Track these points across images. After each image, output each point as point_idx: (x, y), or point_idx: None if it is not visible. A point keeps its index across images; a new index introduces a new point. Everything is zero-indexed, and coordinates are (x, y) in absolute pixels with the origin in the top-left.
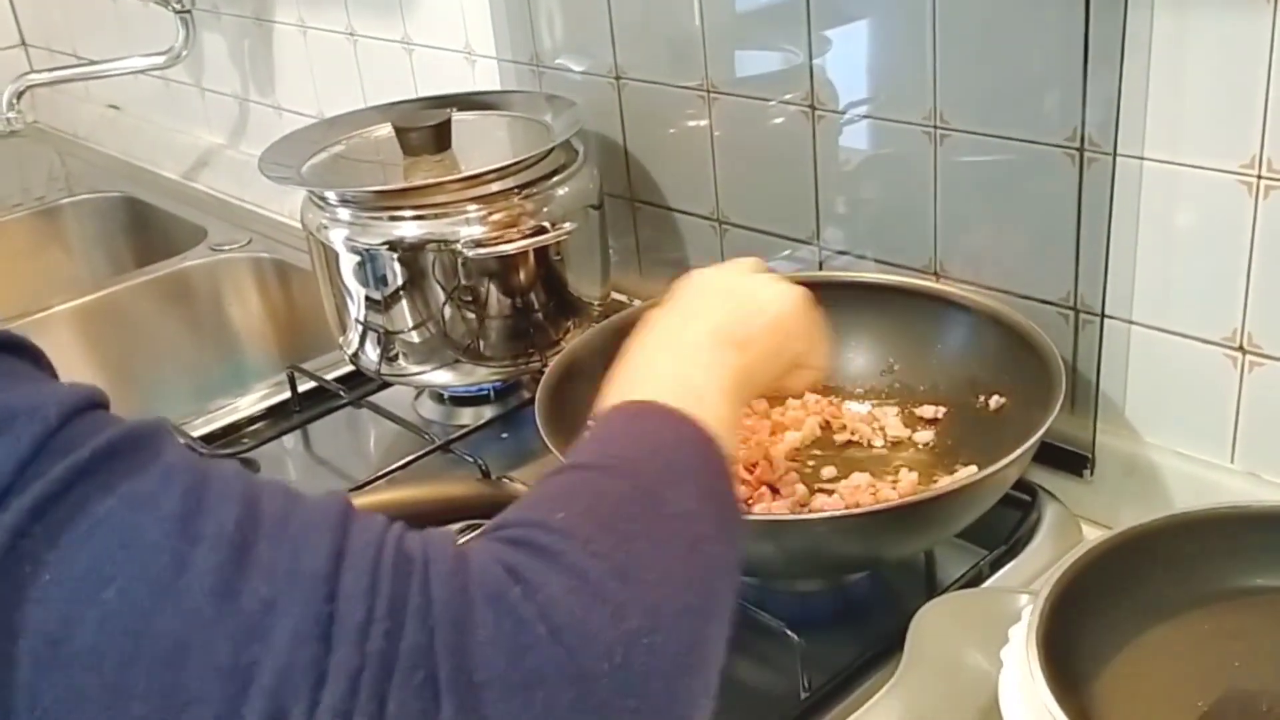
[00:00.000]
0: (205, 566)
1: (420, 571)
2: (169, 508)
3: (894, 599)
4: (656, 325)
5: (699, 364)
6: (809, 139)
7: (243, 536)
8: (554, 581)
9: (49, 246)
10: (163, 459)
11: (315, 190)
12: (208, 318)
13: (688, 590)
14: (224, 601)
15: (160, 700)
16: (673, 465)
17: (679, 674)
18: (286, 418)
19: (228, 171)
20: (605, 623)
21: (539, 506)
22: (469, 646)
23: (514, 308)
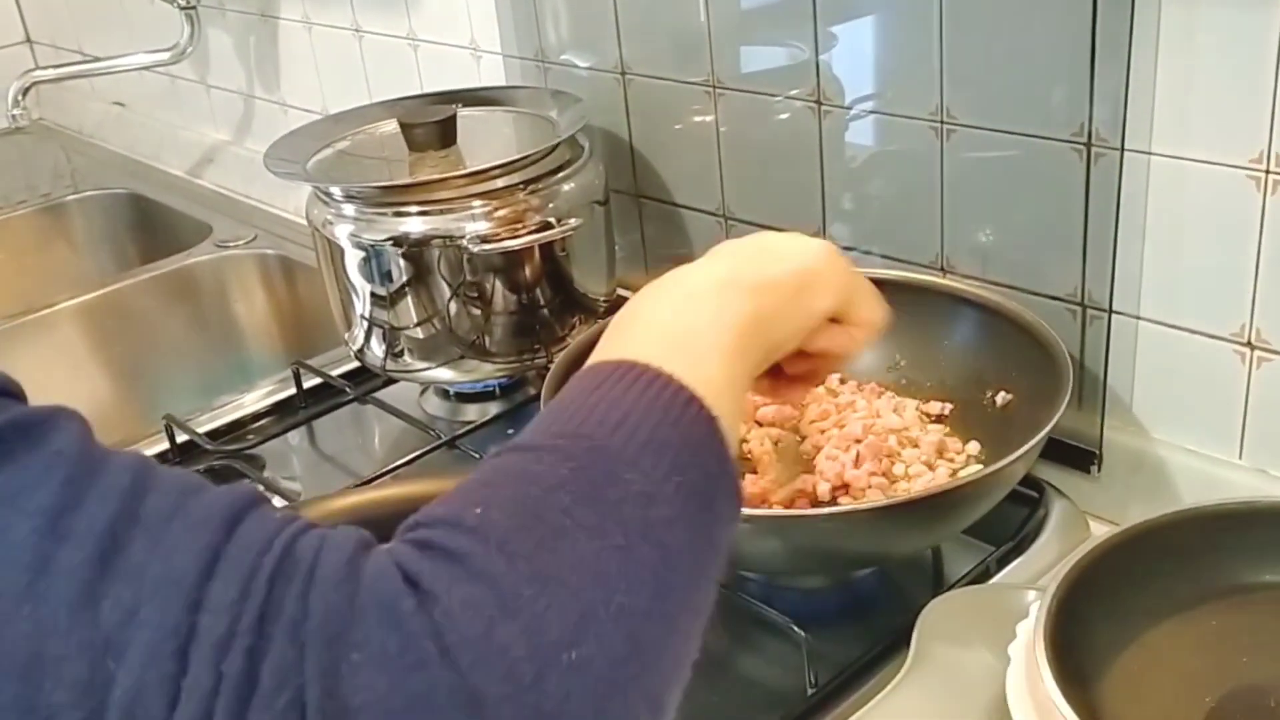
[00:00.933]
0: (67, 568)
1: (303, 578)
2: (42, 501)
3: (901, 595)
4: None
5: (700, 312)
6: (815, 134)
7: (114, 537)
8: (455, 591)
9: (55, 243)
10: (49, 448)
11: (320, 186)
12: (213, 314)
13: (629, 588)
14: (83, 609)
15: (16, 715)
16: (633, 439)
17: (612, 691)
18: (292, 414)
19: (233, 168)
20: (514, 638)
21: (459, 500)
22: (344, 667)
23: (519, 304)
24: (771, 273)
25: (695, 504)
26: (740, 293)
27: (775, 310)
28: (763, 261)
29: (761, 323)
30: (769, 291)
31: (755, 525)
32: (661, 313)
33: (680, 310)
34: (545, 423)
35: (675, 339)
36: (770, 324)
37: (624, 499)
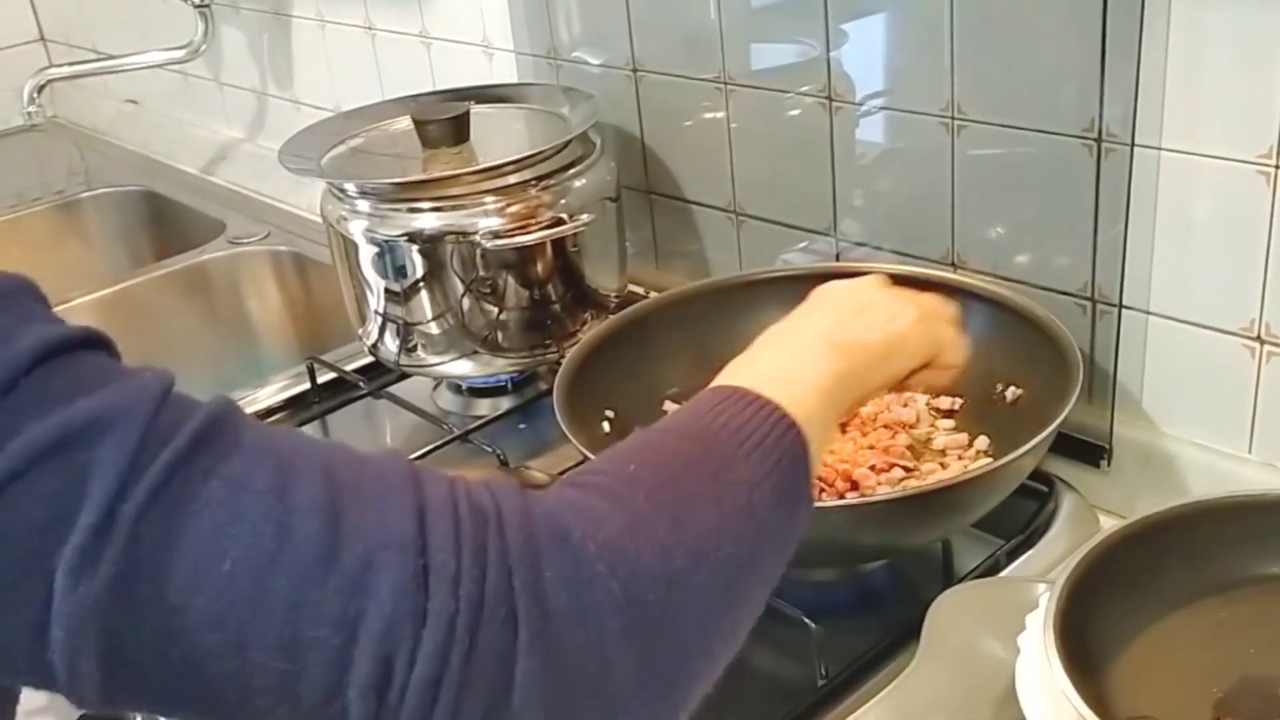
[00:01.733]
0: (306, 534)
1: (495, 521)
2: (264, 484)
3: (911, 588)
4: (777, 326)
5: (802, 360)
6: (826, 131)
7: (332, 504)
8: (612, 523)
9: (69, 240)
10: (246, 439)
11: (335, 182)
12: (227, 310)
13: (734, 544)
14: (328, 563)
15: (280, 650)
16: (745, 442)
17: (715, 612)
18: (306, 408)
19: (246, 165)
20: (654, 560)
21: (616, 458)
22: (541, 584)
23: (531, 299)
24: (865, 338)
25: (785, 498)
26: (838, 351)
27: (865, 368)
28: (859, 326)
29: (852, 377)
30: (861, 352)
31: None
32: (774, 357)
33: (789, 357)
34: (680, 416)
35: (783, 378)
36: (859, 379)
37: (737, 483)
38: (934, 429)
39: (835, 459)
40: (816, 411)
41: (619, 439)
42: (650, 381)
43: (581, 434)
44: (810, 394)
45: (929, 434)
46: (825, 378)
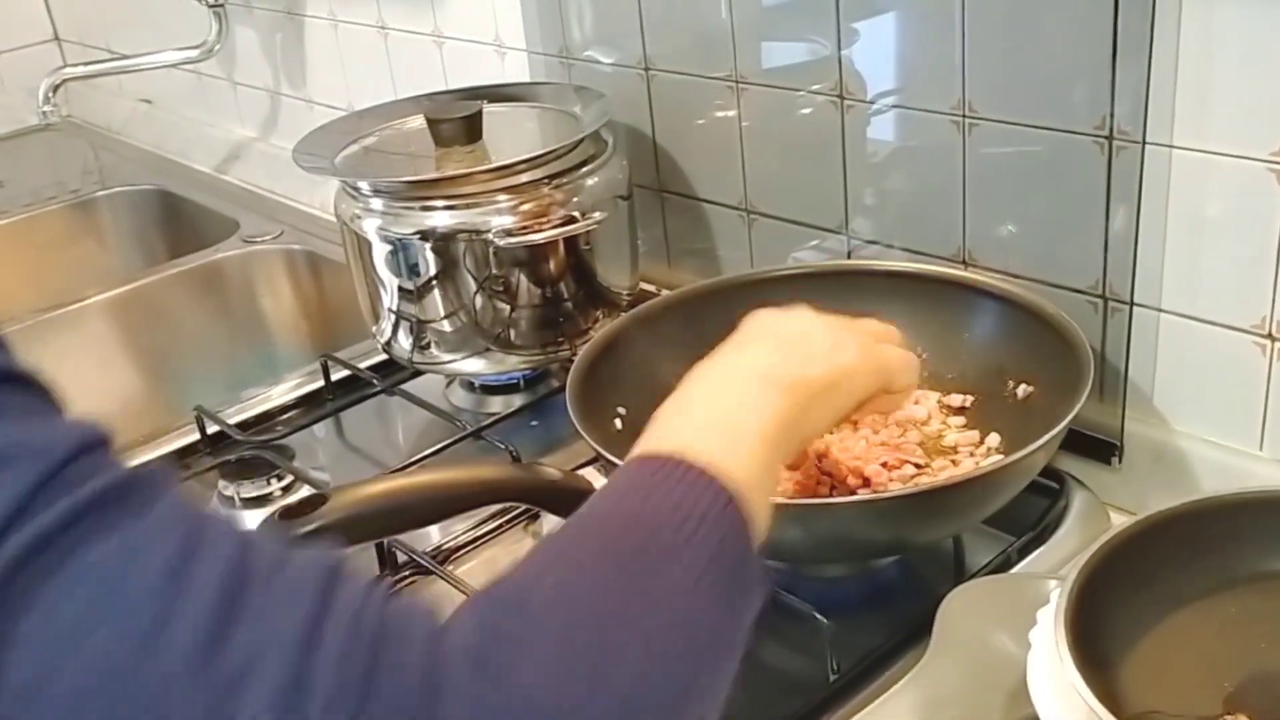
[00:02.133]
0: (190, 622)
1: (397, 643)
2: (161, 558)
3: (922, 584)
4: (709, 363)
5: (740, 404)
6: (837, 129)
7: (229, 593)
8: (523, 666)
9: (83, 239)
10: (160, 506)
11: (348, 181)
12: (240, 309)
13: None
14: (205, 659)
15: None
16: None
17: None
18: (319, 406)
19: (260, 164)
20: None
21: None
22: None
23: (544, 297)
24: (809, 373)
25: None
26: (780, 390)
27: (811, 406)
28: (801, 359)
29: (798, 418)
30: (805, 389)
31: (778, 514)
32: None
33: (727, 401)
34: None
35: (723, 429)
36: (806, 419)
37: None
38: (945, 426)
39: (847, 456)
40: (761, 463)
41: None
42: (662, 379)
43: (594, 431)
44: (754, 443)
45: (940, 431)
46: (769, 423)
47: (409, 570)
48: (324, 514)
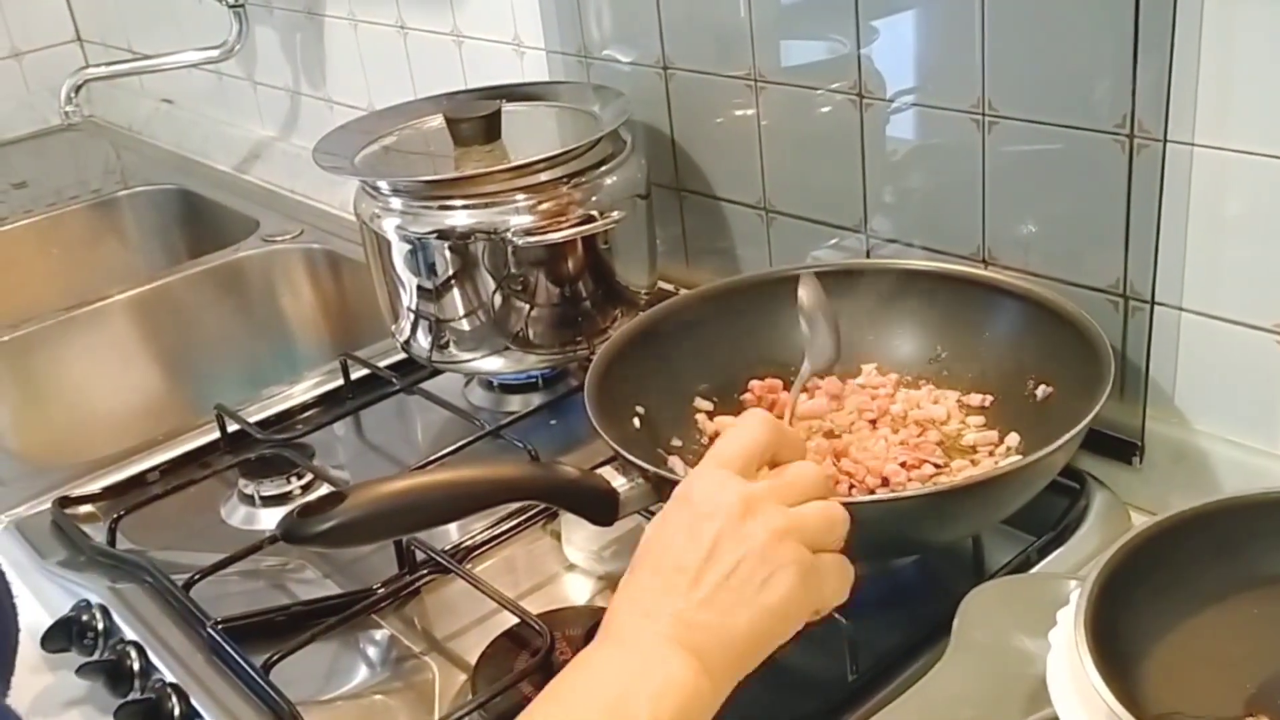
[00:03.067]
0: None
1: None
2: None
3: (941, 584)
4: (620, 591)
5: (644, 686)
6: (856, 127)
7: None
8: None
9: (105, 237)
10: None
11: (368, 180)
12: (261, 307)
13: None
14: None
15: None
16: None
17: None
18: (339, 404)
19: (280, 164)
20: None
21: None
22: None
23: (562, 296)
24: (730, 626)
25: None
26: (693, 660)
27: (731, 672)
28: (722, 603)
29: (713, 691)
30: (724, 653)
31: None
32: (608, 681)
33: (627, 681)
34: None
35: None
36: (721, 689)
37: None
38: (964, 426)
39: (866, 456)
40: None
41: (649, 435)
42: (681, 378)
43: (612, 430)
44: None
45: (959, 431)
46: (675, 713)
47: (427, 569)
48: (343, 511)
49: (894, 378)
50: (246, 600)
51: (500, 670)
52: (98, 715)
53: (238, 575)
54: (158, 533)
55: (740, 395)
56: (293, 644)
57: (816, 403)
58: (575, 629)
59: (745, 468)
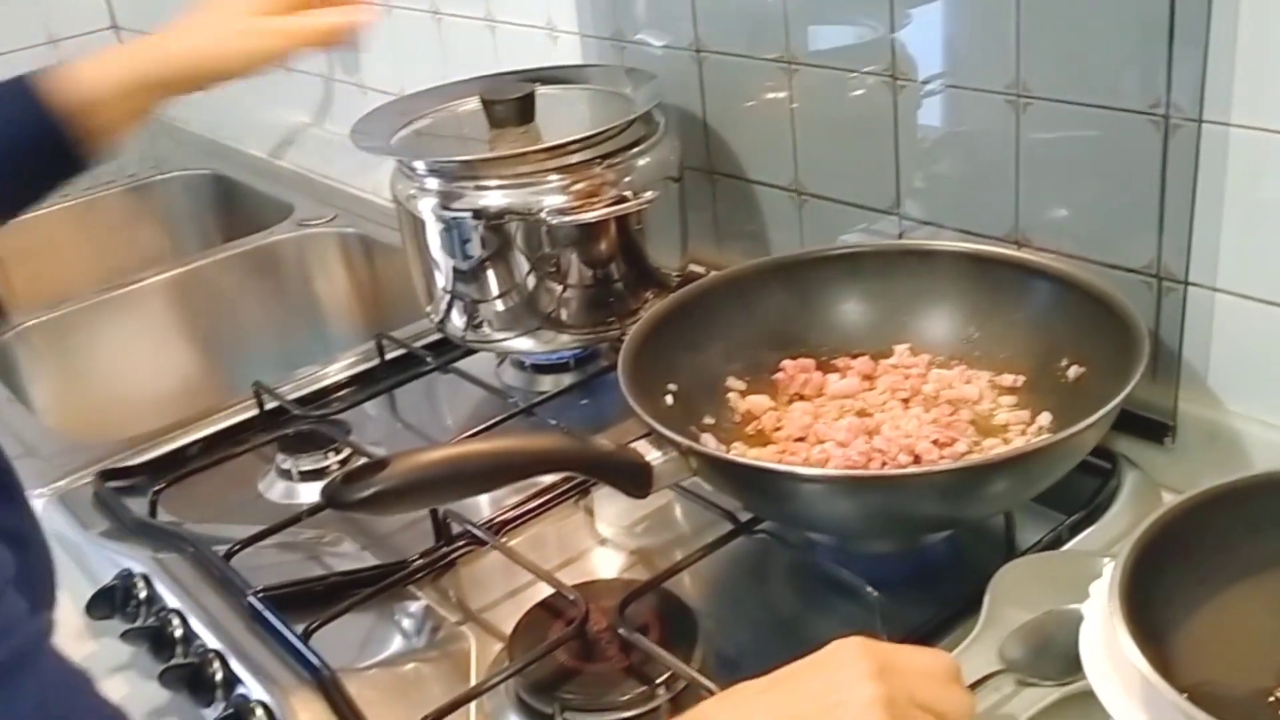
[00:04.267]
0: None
1: None
2: None
3: (972, 562)
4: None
5: None
6: (890, 109)
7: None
8: None
9: (141, 221)
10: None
11: (404, 160)
12: (295, 290)
13: None
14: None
15: None
16: None
17: None
18: (374, 383)
19: (313, 149)
20: None
21: None
22: None
23: (595, 277)
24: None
25: None
26: None
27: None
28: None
29: None
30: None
31: (828, 486)
32: None
33: None
34: None
35: None
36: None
37: None
38: (996, 406)
39: (899, 434)
40: None
41: (682, 413)
42: (713, 357)
43: (646, 405)
44: None
45: (991, 410)
46: None
47: (463, 541)
48: (384, 479)
49: (926, 358)
50: (285, 571)
51: (536, 639)
52: (141, 680)
53: (276, 547)
54: (197, 506)
55: (772, 375)
56: (331, 612)
57: (849, 382)
58: (609, 600)
59: None
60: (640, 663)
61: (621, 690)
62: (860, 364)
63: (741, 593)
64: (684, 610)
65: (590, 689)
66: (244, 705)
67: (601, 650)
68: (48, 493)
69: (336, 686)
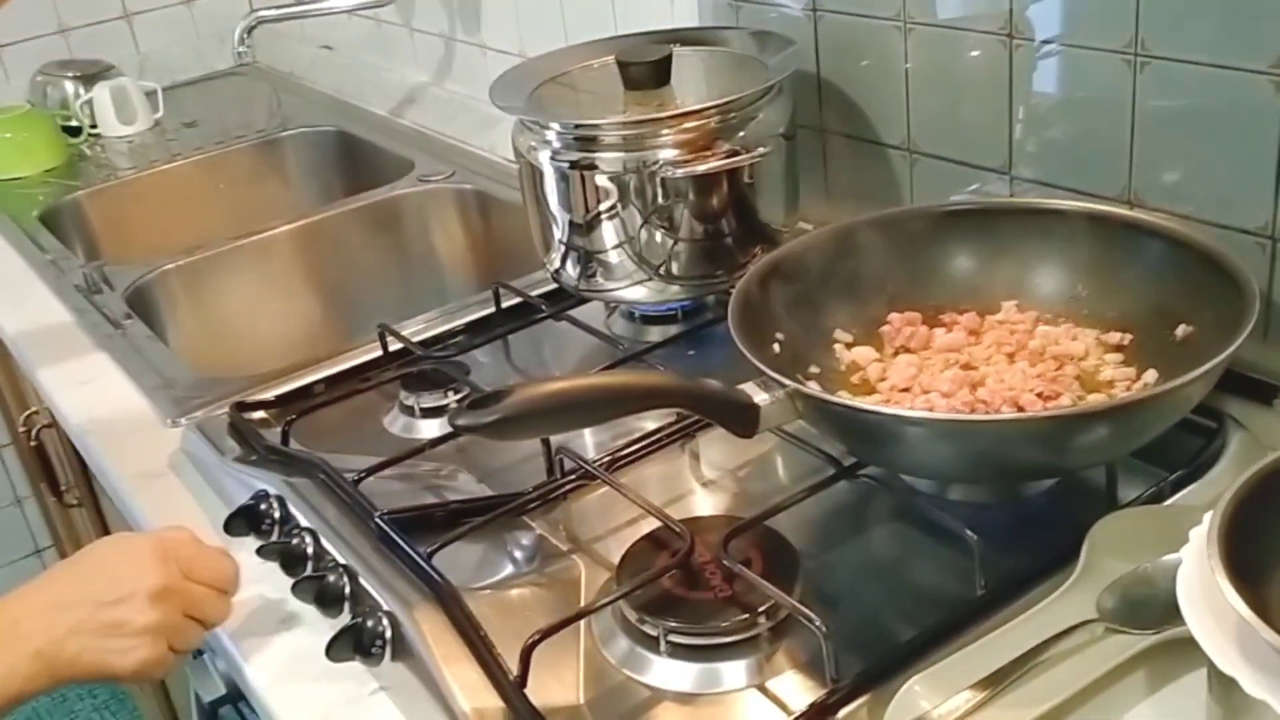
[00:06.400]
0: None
1: None
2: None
3: (1072, 515)
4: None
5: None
6: (1005, 68)
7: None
8: None
9: (268, 175)
10: None
11: (529, 118)
12: (414, 243)
13: None
14: None
15: None
16: None
17: None
18: (490, 329)
19: (433, 108)
20: None
21: None
22: None
23: (706, 231)
24: None
25: None
26: None
27: None
28: None
29: None
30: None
31: (930, 428)
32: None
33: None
34: None
35: None
36: None
37: None
38: (1102, 362)
39: (1002, 387)
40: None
41: (789, 360)
42: (821, 308)
43: (754, 350)
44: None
45: (1097, 367)
46: None
47: (574, 476)
48: (506, 406)
49: (1033, 314)
50: (406, 499)
51: (643, 568)
52: (273, 592)
53: (398, 477)
54: (324, 438)
55: (879, 327)
56: (450, 536)
57: (955, 336)
58: (713, 534)
59: None
60: (742, 593)
61: (724, 617)
62: (967, 319)
63: (842, 535)
64: (786, 547)
65: (694, 615)
66: (371, 615)
67: (705, 580)
68: (184, 422)
69: (457, 601)
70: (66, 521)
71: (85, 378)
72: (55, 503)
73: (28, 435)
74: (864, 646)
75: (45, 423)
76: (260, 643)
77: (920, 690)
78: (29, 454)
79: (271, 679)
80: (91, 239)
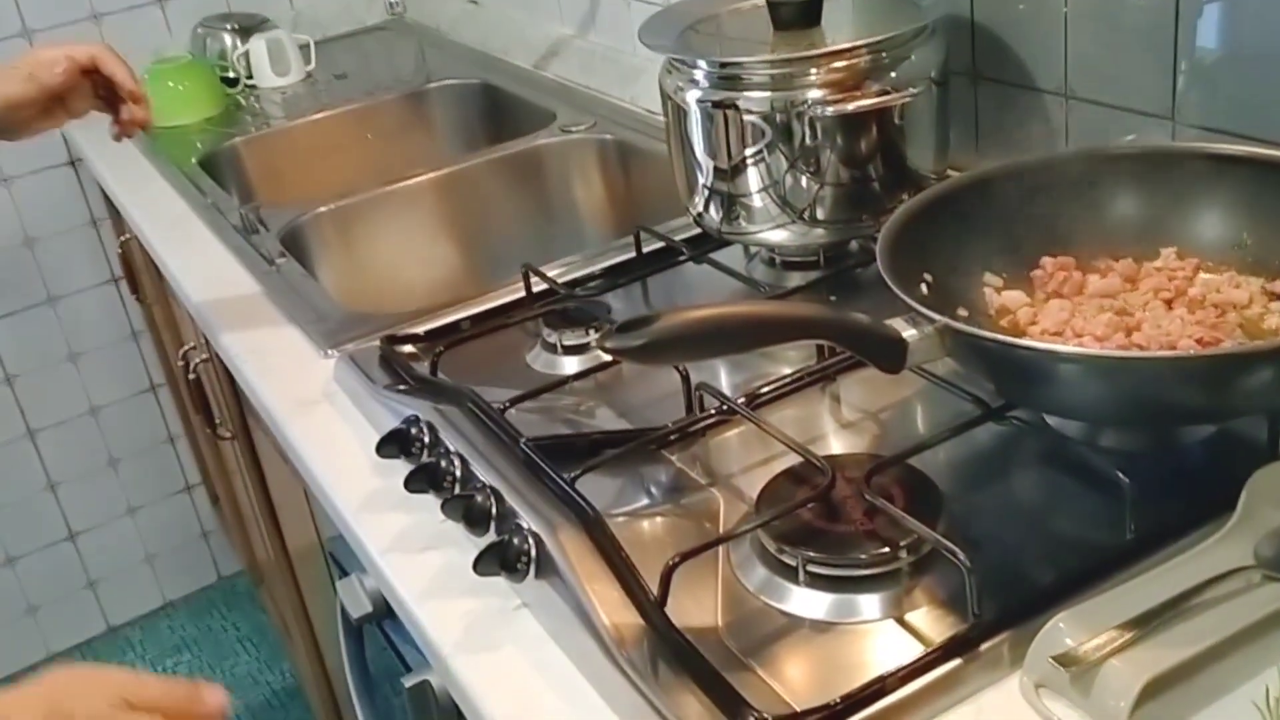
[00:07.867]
0: None
1: None
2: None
3: (1229, 466)
4: None
5: None
6: (1171, 12)
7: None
8: None
9: (415, 126)
10: None
11: (678, 57)
12: (555, 192)
13: None
14: None
15: None
16: None
17: None
18: (629, 272)
19: (575, 61)
20: None
21: None
22: None
23: (852, 174)
24: None
25: None
26: None
27: None
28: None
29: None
30: None
31: (1085, 366)
32: None
33: None
34: None
35: None
36: None
37: None
38: (1267, 310)
39: (1159, 332)
40: None
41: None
42: (971, 250)
43: (902, 287)
44: None
45: (1262, 315)
46: None
47: (714, 411)
48: (654, 331)
49: (1194, 261)
50: (549, 429)
51: (783, 500)
52: (423, 511)
53: (541, 410)
54: (470, 372)
55: (1030, 272)
56: (592, 463)
57: (1110, 282)
58: (854, 470)
59: None
60: (883, 527)
61: (864, 550)
62: (1123, 266)
63: (987, 478)
64: (929, 485)
65: (834, 547)
66: (517, 534)
67: (846, 513)
68: (336, 354)
69: (600, 524)
70: (216, 456)
71: (243, 311)
72: (209, 435)
73: (186, 369)
74: (1007, 586)
75: (203, 357)
76: (408, 560)
77: (1065, 627)
78: (187, 387)
79: (419, 593)
80: (246, 184)
